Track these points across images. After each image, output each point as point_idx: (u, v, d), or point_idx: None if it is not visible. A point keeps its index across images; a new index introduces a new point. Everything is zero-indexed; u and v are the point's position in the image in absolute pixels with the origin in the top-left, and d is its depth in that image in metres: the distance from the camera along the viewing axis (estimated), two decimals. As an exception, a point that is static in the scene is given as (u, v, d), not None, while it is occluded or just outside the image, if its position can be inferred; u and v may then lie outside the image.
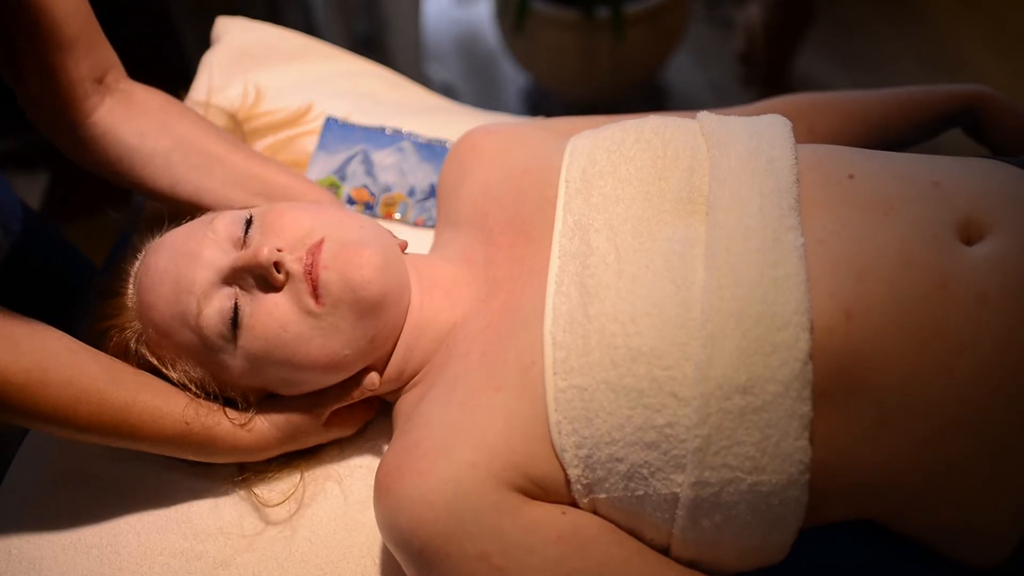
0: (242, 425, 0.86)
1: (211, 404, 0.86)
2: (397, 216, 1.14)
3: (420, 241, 1.10)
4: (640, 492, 0.73)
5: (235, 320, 0.81)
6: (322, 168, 1.16)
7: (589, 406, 0.73)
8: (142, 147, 0.96)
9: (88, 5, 0.92)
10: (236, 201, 0.98)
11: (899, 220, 0.75)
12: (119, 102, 0.96)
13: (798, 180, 0.78)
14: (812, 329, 0.71)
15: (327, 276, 0.80)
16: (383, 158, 1.17)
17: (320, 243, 0.81)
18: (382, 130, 1.20)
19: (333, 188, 1.15)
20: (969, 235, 0.75)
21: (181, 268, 0.82)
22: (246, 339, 0.81)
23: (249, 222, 0.85)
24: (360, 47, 2.24)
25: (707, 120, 0.86)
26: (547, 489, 0.75)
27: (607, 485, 0.74)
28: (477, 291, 0.88)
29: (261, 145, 1.17)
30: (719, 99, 2.46)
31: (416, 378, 0.89)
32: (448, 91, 2.41)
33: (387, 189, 1.15)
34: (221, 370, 0.84)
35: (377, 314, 0.83)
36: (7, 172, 2.25)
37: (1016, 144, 1.01)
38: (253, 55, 1.27)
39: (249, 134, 1.16)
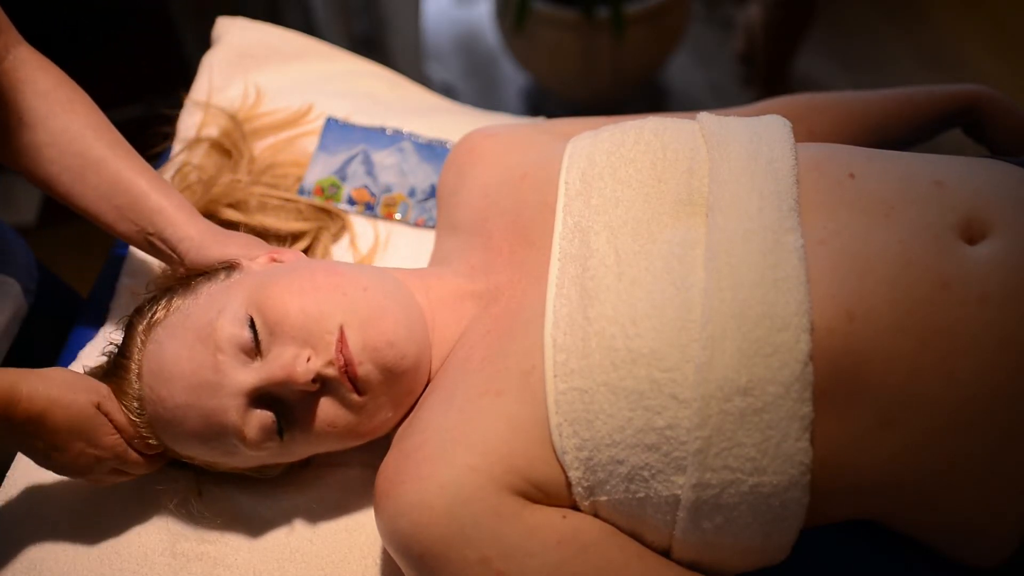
0: None
1: None
2: (398, 216, 1.14)
3: (420, 241, 1.10)
4: (641, 494, 0.73)
5: (280, 431, 0.80)
6: (323, 168, 1.16)
7: (590, 408, 0.72)
8: (20, 135, 0.91)
9: None
10: (106, 216, 0.93)
11: (900, 221, 0.74)
12: (4, 74, 0.90)
13: (798, 181, 0.78)
14: (813, 330, 0.71)
15: (364, 370, 0.78)
16: (383, 158, 1.17)
17: (342, 336, 0.78)
18: (382, 130, 1.20)
19: (334, 188, 1.15)
20: (971, 235, 0.75)
21: (205, 402, 0.78)
22: (294, 442, 0.81)
23: (252, 324, 0.79)
24: (360, 47, 2.24)
25: (707, 121, 0.85)
26: (548, 492, 0.75)
27: (608, 487, 0.74)
28: (479, 299, 0.88)
29: (262, 145, 1.17)
30: (719, 99, 2.46)
31: None
32: (448, 91, 2.41)
33: (388, 189, 1.15)
34: (261, 459, 0.84)
35: (415, 373, 0.83)
36: (7, 171, 2.25)
37: (1016, 144, 1.00)
38: (253, 55, 1.27)
39: (249, 134, 1.16)
